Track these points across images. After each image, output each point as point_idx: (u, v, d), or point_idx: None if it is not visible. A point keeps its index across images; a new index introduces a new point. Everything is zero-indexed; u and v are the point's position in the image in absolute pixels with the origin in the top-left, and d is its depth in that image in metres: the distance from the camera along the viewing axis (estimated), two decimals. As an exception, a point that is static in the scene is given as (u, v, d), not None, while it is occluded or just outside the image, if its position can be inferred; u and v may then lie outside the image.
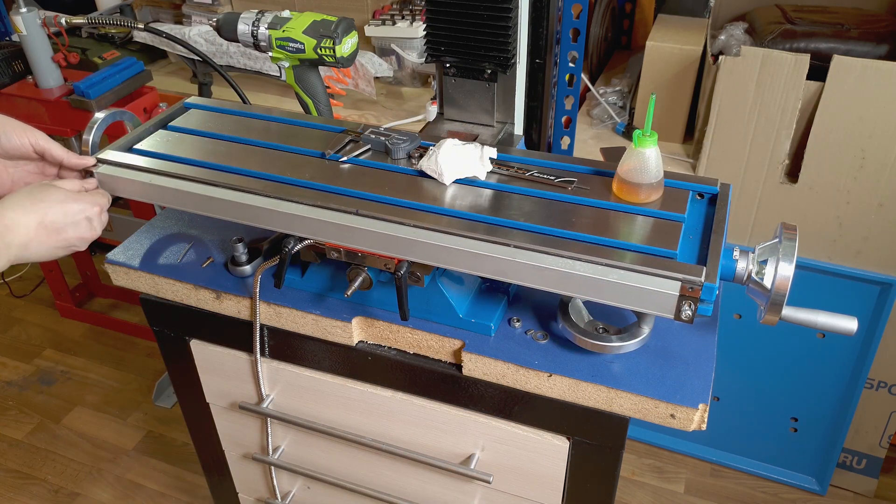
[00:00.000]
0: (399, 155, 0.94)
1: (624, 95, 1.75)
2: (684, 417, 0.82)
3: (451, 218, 0.83)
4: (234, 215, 0.89)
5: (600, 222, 0.82)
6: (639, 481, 1.93)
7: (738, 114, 1.41)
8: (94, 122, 0.98)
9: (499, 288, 0.96)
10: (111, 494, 1.94)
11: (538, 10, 1.09)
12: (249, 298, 0.99)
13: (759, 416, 1.80)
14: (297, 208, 0.86)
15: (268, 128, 1.03)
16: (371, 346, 0.98)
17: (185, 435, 2.07)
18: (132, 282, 1.06)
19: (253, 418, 1.14)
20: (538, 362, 0.87)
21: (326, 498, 1.22)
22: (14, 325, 2.51)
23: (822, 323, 0.80)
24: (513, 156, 0.94)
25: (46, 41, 1.72)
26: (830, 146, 1.38)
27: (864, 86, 1.31)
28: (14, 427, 2.13)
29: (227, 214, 0.90)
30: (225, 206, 0.89)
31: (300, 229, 0.87)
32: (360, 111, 1.81)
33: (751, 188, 1.48)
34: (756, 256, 0.79)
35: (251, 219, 0.88)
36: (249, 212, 0.88)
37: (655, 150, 0.81)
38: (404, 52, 1.85)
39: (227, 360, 1.08)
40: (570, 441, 0.92)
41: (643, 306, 0.76)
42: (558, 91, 1.24)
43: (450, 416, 0.97)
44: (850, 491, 1.88)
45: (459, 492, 1.06)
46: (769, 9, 1.60)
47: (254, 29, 1.11)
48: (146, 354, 2.37)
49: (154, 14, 2.25)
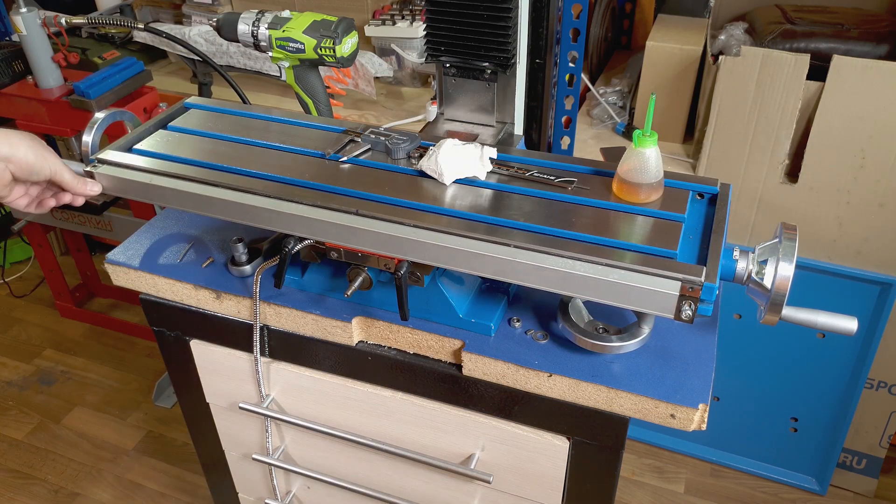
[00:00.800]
0: (399, 155, 0.94)
1: (624, 95, 1.75)
2: (684, 417, 0.82)
3: (451, 218, 0.83)
4: (235, 215, 0.89)
5: (600, 222, 0.82)
6: (639, 481, 1.93)
7: (738, 114, 1.41)
8: (94, 122, 0.98)
9: (499, 288, 0.96)
10: (111, 494, 1.94)
11: (538, 10, 1.09)
12: (249, 298, 0.99)
13: (759, 416, 1.80)
14: (297, 208, 0.86)
15: (268, 128, 1.03)
16: (371, 346, 0.98)
17: (185, 435, 2.07)
18: (132, 282, 1.06)
19: (253, 418, 1.14)
20: (538, 362, 0.87)
21: (326, 498, 1.22)
22: (14, 325, 2.52)
23: (822, 323, 0.80)
24: (513, 156, 0.94)
25: (46, 41, 1.72)
26: (830, 146, 1.38)
27: (864, 86, 1.31)
28: (14, 427, 2.13)
29: (227, 215, 0.89)
30: (225, 207, 0.89)
31: (300, 229, 0.87)
32: (360, 111, 1.81)
33: (751, 188, 1.48)
34: (756, 256, 0.79)
35: (251, 219, 0.88)
36: (249, 212, 0.88)
37: (655, 150, 0.81)
38: (404, 52, 1.85)
39: (227, 360, 1.08)
40: (570, 441, 0.92)
41: (643, 306, 0.76)
42: (558, 91, 1.24)
43: (450, 416, 0.97)
44: (850, 491, 1.88)
45: (459, 492, 1.06)
46: (769, 9, 1.60)
47: (254, 29, 1.11)
48: (146, 354, 2.37)
49: (154, 14, 2.25)
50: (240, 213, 0.88)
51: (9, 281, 2.66)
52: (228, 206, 0.89)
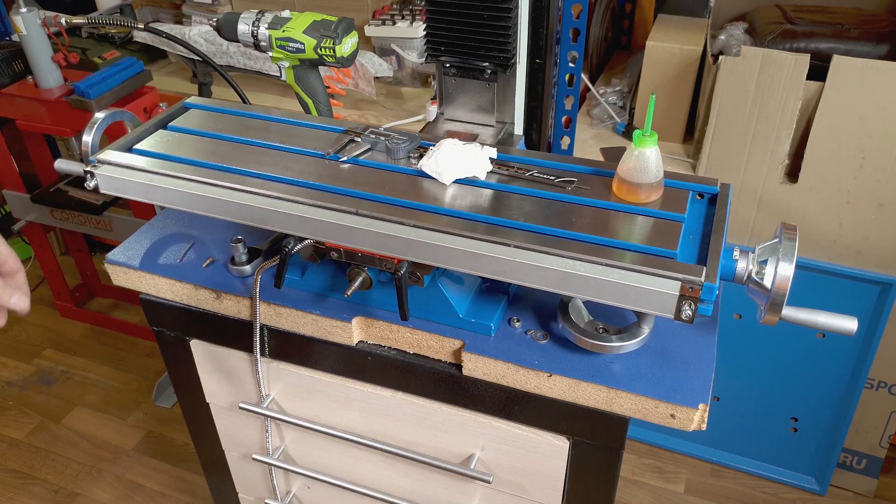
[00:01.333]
0: (399, 155, 0.93)
1: (624, 95, 1.75)
2: (684, 417, 0.82)
3: (451, 218, 0.83)
4: (234, 215, 0.89)
5: (600, 222, 0.82)
6: (639, 481, 1.93)
7: (738, 114, 1.41)
8: (94, 122, 0.98)
9: (499, 288, 0.96)
10: (111, 494, 1.94)
11: (538, 10, 1.09)
12: (249, 298, 0.99)
13: (759, 416, 1.80)
14: (297, 208, 0.86)
15: (268, 128, 1.03)
16: (371, 346, 0.98)
17: (185, 435, 2.07)
18: (132, 282, 1.06)
19: (253, 418, 1.14)
20: (538, 362, 0.87)
21: (326, 498, 1.22)
22: (14, 325, 2.52)
23: (822, 323, 0.80)
24: (513, 156, 0.94)
25: (46, 41, 1.73)
26: (830, 146, 1.38)
27: (864, 86, 1.31)
28: (14, 427, 2.13)
29: (227, 215, 0.89)
30: (225, 207, 0.89)
31: (300, 229, 0.87)
32: (360, 111, 1.81)
33: (751, 188, 1.48)
34: (756, 256, 0.79)
35: (251, 219, 0.88)
36: (249, 212, 0.88)
37: (655, 150, 0.81)
38: (404, 52, 1.85)
39: (227, 360, 1.08)
40: (570, 441, 0.92)
41: (643, 306, 0.76)
42: (558, 91, 1.24)
43: (450, 416, 0.97)
44: (850, 491, 1.88)
45: (459, 492, 1.06)
46: (769, 9, 1.60)
47: (254, 29, 1.11)
48: (146, 354, 2.37)
49: (154, 14, 2.25)
50: (240, 213, 0.88)
51: (9, 281, 2.66)
52: (228, 206, 0.89)
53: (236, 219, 0.90)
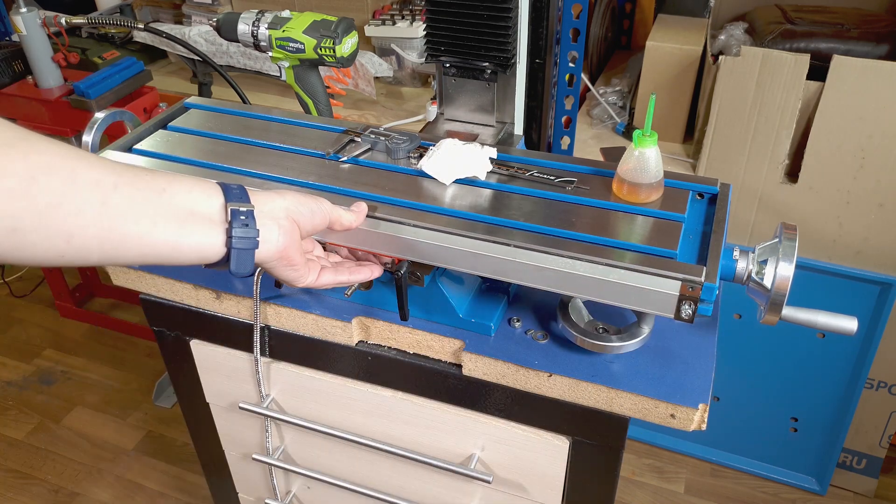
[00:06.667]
0: (399, 155, 0.94)
1: (624, 95, 1.75)
2: (684, 417, 0.82)
3: (451, 218, 0.83)
4: (234, 215, 0.89)
5: (600, 222, 0.82)
6: (639, 481, 1.93)
7: (738, 114, 1.41)
8: (94, 122, 0.98)
9: (499, 288, 0.96)
10: (111, 494, 1.94)
11: (538, 10, 1.09)
12: (249, 298, 0.99)
13: (759, 416, 1.80)
14: (297, 208, 0.86)
15: (268, 128, 1.03)
16: (371, 346, 0.98)
17: (185, 435, 2.07)
18: (132, 281, 1.06)
19: (253, 418, 1.14)
20: (538, 362, 0.87)
21: (326, 498, 1.22)
22: (14, 325, 2.52)
23: (822, 323, 0.80)
24: (513, 156, 0.94)
25: (46, 41, 1.72)
26: (830, 146, 1.38)
27: (864, 86, 1.31)
28: (14, 427, 2.13)
29: (227, 214, 0.89)
30: (225, 206, 0.89)
31: (300, 229, 0.87)
32: (360, 111, 1.81)
33: (751, 188, 1.48)
34: (756, 256, 0.79)
35: (251, 219, 0.88)
36: (249, 212, 0.88)
37: (655, 150, 0.81)
38: (404, 52, 1.85)
39: (227, 360, 1.08)
40: (570, 441, 0.92)
41: (643, 306, 0.76)
42: (558, 91, 1.24)
43: (450, 416, 0.97)
44: (850, 491, 1.88)
45: (459, 492, 1.06)
46: (769, 9, 1.60)
47: (254, 29, 1.11)
48: (146, 354, 2.37)
49: (154, 14, 2.25)
50: (240, 212, 0.88)
51: (9, 281, 2.66)
52: (228, 206, 0.88)
53: (236, 219, 0.89)
